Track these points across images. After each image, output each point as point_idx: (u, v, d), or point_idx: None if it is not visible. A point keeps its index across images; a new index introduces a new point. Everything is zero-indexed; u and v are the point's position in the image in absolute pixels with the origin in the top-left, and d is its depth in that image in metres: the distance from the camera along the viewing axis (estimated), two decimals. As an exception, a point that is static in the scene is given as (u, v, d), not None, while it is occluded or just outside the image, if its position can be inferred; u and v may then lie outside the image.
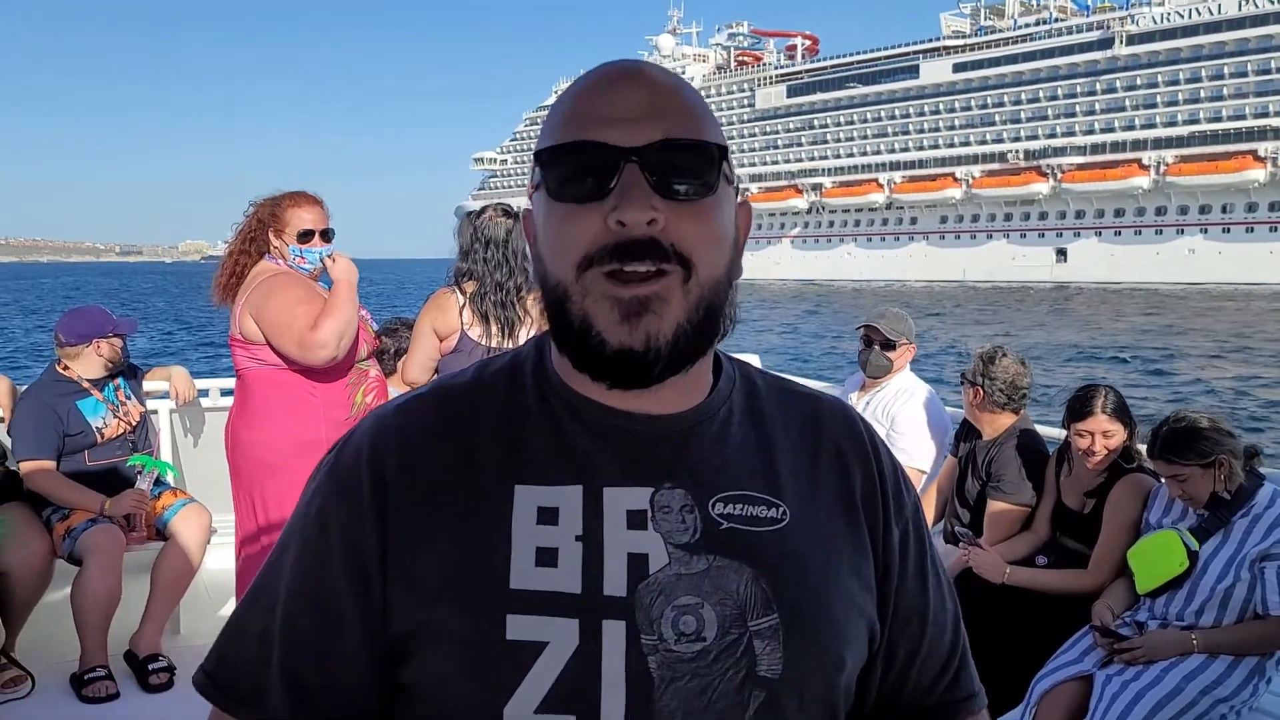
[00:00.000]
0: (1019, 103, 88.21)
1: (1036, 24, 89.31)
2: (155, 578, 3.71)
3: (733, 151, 0.91)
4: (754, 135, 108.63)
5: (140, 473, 3.85)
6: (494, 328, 3.36)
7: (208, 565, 3.89)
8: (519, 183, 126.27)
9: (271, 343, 3.23)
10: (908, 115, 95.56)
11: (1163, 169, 78.05)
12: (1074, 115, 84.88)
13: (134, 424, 3.91)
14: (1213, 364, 24.92)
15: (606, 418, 0.88)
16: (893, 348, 3.87)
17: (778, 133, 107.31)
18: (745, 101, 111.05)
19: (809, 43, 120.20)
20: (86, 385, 3.80)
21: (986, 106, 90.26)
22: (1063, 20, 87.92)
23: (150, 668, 3.57)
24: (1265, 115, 73.91)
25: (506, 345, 3.35)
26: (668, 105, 0.85)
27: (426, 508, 0.86)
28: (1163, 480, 2.98)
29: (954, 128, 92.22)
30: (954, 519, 3.68)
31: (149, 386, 4.21)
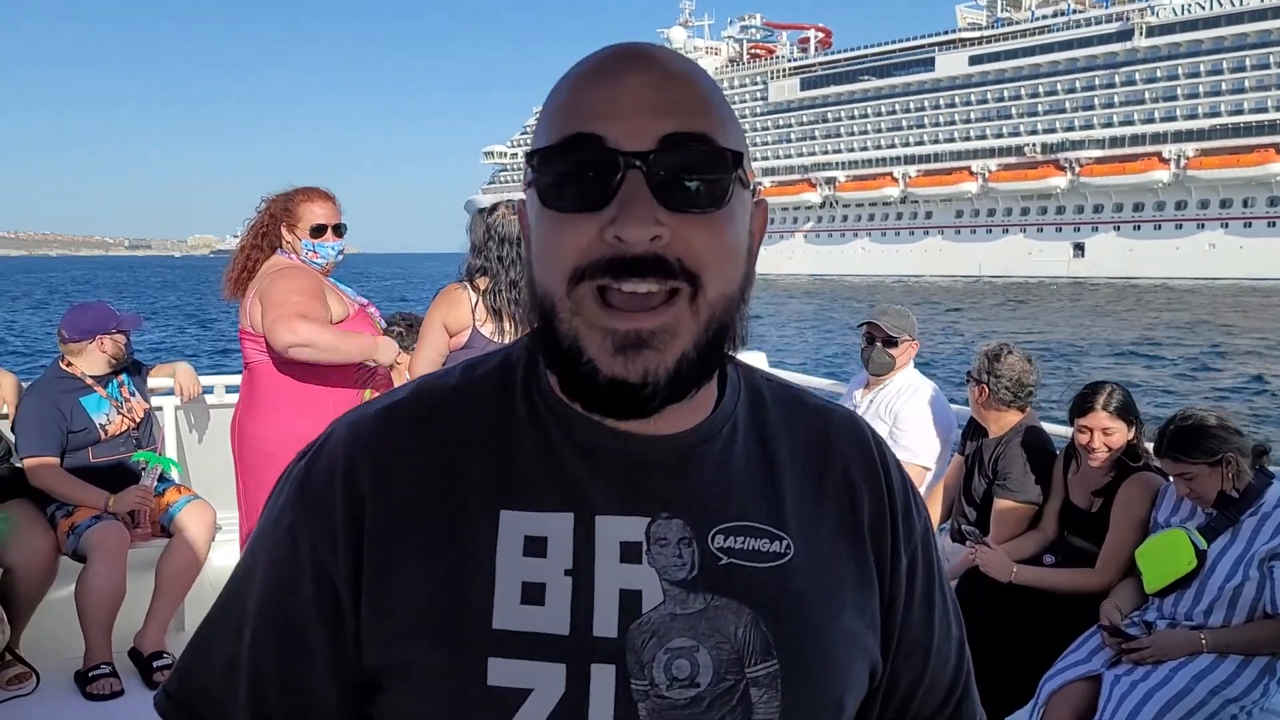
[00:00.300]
0: (1036, 95, 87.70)
1: (1054, 15, 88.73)
2: (160, 575, 3.71)
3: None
4: (767, 129, 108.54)
5: (144, 469, 3.86)
6: (507, 324, 3.35)
7: (212, 562, 3.88)
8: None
9: (262, 320, 3.22)
10: (923, 108, 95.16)
11: (1183, 162, 77.49)
12: (1092, 108, 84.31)
13: (138, 420, 3.91)
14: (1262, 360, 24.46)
15: (601, 437, 0.80)
16: (895, 344, 3.85)
17: (791, 126, 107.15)
18: (758, 95, 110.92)
19: (822, 35, 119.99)
20: (90, 382, 3.80)
21: (1003, 99, 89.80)
22: (1081, 12, 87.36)
23: (155, 665, 3.56)
24: (1287, 108, 73.36)
25: None
26: (678, 97, 0.74)
27: (403, 529, 0.79)
28: (1171, 479, 2.95)
29: (970, 121, 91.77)
30: (961, 517, 3.67)
31: (153, 383, 4.21)
